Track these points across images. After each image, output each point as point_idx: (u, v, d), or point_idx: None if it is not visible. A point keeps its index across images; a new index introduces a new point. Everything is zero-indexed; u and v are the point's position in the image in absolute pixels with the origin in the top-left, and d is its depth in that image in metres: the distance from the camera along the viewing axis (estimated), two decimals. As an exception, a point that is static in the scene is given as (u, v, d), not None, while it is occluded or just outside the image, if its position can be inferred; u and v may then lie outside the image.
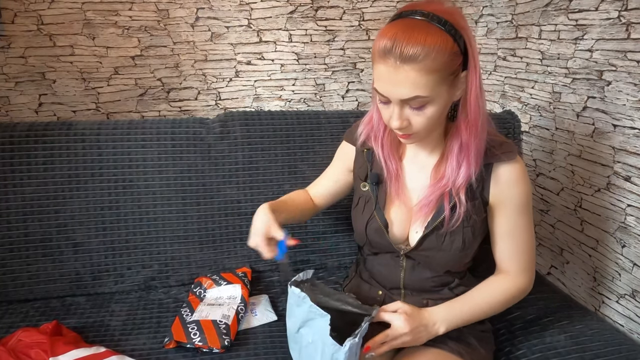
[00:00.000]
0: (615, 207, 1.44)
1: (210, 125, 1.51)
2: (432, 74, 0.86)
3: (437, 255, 1.07)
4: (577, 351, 1.11)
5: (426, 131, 0.97)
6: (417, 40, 0.84)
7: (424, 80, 0.86)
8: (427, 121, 0.93)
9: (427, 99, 0.89)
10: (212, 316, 1.24)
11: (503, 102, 1.97)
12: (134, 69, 1.81)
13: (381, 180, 1.12)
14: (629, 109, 1.36)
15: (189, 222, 1.47)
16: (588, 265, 1.57)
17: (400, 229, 1.10)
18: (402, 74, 0.86)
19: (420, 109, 0.91)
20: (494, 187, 1.04)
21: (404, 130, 0.95)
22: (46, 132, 1.40)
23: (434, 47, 0.84)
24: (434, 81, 0.87)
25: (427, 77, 0.86)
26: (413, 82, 0.86)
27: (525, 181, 1.04)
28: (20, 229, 1.37)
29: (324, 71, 1.97)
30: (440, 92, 0.89)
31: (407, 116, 0.93)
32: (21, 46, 1.69)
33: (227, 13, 1.82)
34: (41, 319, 1.29)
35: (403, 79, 0.87)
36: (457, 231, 1.04)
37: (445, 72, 0.88)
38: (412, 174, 1.12)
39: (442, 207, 1.03)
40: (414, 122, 0.93)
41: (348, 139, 1.23)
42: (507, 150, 1.02)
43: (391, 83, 0.89)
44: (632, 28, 1.33)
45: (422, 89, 0.87)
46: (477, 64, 0.92)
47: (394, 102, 0.91)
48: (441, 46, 0.85)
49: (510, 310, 1.24)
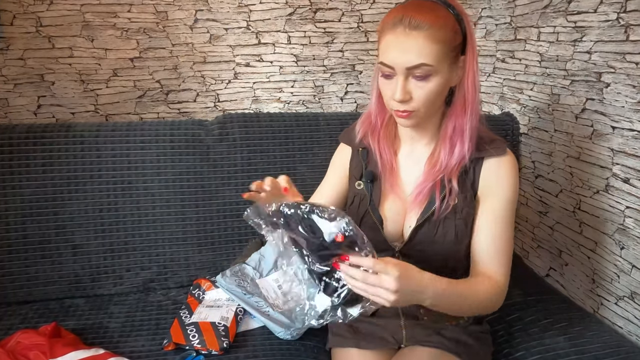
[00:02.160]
0: (614, 209, 1.44)
1: (209, 127, 1.51)
2: (437, 43, 0.91)
3: (430, 249, 1.07)
4: (575, 353, 1.11)
5: (425, 108, 0.99)
6: (425, 12, 0.92)
7: (429, 48, 0.91)
8: (428, 95, 0.96)
9: (432, 68, 0.93)
10: (211, 318, 1.24)
11: (502, 104, 1.97)
12: (132, 71, 1.81)
13: (376, 178, 1.13)
14: (628, 110, 1.36)
15: (187, 224, 1.47)
16: (587, 267, 1.57)
17: (394, 225, 1.11)
18: (411, 40, 0.91)
19: (424, 79, 0.94)
20: (483, 180, 1.07)
21: (405, 104, 0.97)
22: (45, 134, 1.40)
23: (440, 20, 0.92)
24: (438, 51, 0.92)
25: (433, 45, 0.91)
26: (420, 49, 0.91)
27: (513, 176, 1.06)
28: (19, 231, 1.37)
29: (323, 73, 1.97)
30: (443, 66, 0.94)
31: (410, 89, 0.96)
32: (20, 48, 1.69)
33: (226, 15, 1.82)
34: (40, 321, 1.29)
35: (411, 45, 0.91)
36: (449, 223, 1.05)
37: (449, 45, 0.94)
38: (407, 168, 1.13)
39: (433, 198, 1.05)
40: (416, 96, 0.96)
41: (344, 140, 1.23)
42: (497, 146, 1.06)
43: (399, 50, 0.93)
44: (631, 30, 1.33)
45: (428, 56, 0.91)
46: (475, 50, 0.99)
47: (399, 72, 0.94)
48: (446, 21, 0.93)
49: (509, 312, 1.24)
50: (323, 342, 1.24)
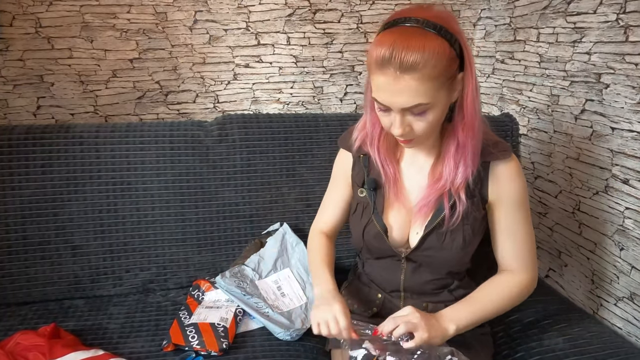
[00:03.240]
0: (614, 210, 1.44)
1: (209, 128, 1.51)
2: (432, 81, 0.87)
3: (438, 255, 1.07)
4: (575, 354, 1.11)
5: (427, 135, 0.98)
6: (415, 48, 0.85)
7: (424, 88, 0.87)
8: (428, 125, 0.94)
9: (428, 105, 0.90)
10: (211, 319, 1.23)
11: (501, 105, 1.97)
12: (132, 72, 1.81)
13: (379, 186, 1.12)
14: (627, 111, 1.36)
15: (187, 225, 1.47)
16: (586, 268, 1.57)
17: (400, 233, 1.10)
18: (403, 83, 0.87)
19: (422, 114, 0.92)
20: (492, 185, 1.05)
21: (405, 136, 0.96)
22: (44, 135, 1.40)
23: (432, 54, 0.85)
24: (433, 88, 0.88)
25: (427, 84, 0.87)
26: (414, 91, 0.87)
27: (521, 177, 1.07)
28: (18, 232, 1.37)
29: (322, 74, 1.97)
30: (440, 97, 0.91)
31: (409, 122, 0.94)
32: (19, 49, 1.69)
33: (225, 16, 1.82)
34: (39, 322, 1.28)
35: (404, 89, 0.87)
36: (458, 229, 1.05)
37: (444, 77, 0.89)
38: (411, 175, 1.12)
39: (441, 206, 1.04)
40: (416, 128, 0.94)
41: (344, 146, 1.22)
42: (502, 149, 1.05)
43: (392, 93, 0.89)
44: (630, 31, 1.33)
45: (423, 96, 0.88)
46: (473, 66, 0.94)
47: (395, 110, 0.92)
48: (439, 52, 0.86)
49: (508, 314, 1.24)
50: (322, 343, 1.24)
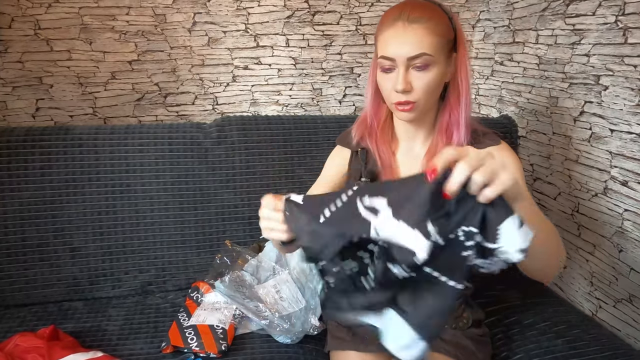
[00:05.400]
0: (613, 212, 1.44)
1: (208, 130, 1.51)
2: (436, 36, 0.97)
3: None
4: (574, 356, 1.11)
5: (425, 99, 1.02)
6: (422, 8, 0.98)
7: (429, 39, 0.96)
8: (428, 84, 0.99)
9: (432, 58, 0.97)
10: (209, 321, 1.23)
11: (500, 106, 1.98)
12: (131, 74, 1.81)
13: (376, 177, 1.14)
14: (626, 113, 1.36)
15: (186, 227, 1.47)
16: (585, 270, 1.57)
17: None
18: (410, 32, 0.96)
19: (424, 69, 0.98)
20: None
21: (406, 94, 1.00)
22: (43, 137, 1.40)
23: (436, 14, 0.99)
24: (437, 43, 0.97)
25: (432, 37, 0.96)
26: (420, 40, 0.96)
27: (514, 159, 1.09)
28: (17, 234, 1.37)
29: (321, 76, 1.97)
30: (441, 58, 0.99)
31: (410, 80, 0.99)
32: (18, 51, 1.68)
33: (224, 18, 1.82)
34: (38, 324, 1.29)
35: (411, 37, 0.96)
36: None
37: (445, 39, 0.99)
38: (406, 165, 1.14)
39: None
40: (417, 86, 0.99)
41: (342, 143, 1.23)
42: (492, 138, 1.10)
43: (400, 42, 0.97)
44: (629, 33, 1.33)
45: (429, 47, 0.96)
46: (466, 49, 1.05)
47: (400, 63, 0.98)
48: (441, 17, 0.99)
49: (507, 315, 1.24)
50: (322, 344, 1.24)
